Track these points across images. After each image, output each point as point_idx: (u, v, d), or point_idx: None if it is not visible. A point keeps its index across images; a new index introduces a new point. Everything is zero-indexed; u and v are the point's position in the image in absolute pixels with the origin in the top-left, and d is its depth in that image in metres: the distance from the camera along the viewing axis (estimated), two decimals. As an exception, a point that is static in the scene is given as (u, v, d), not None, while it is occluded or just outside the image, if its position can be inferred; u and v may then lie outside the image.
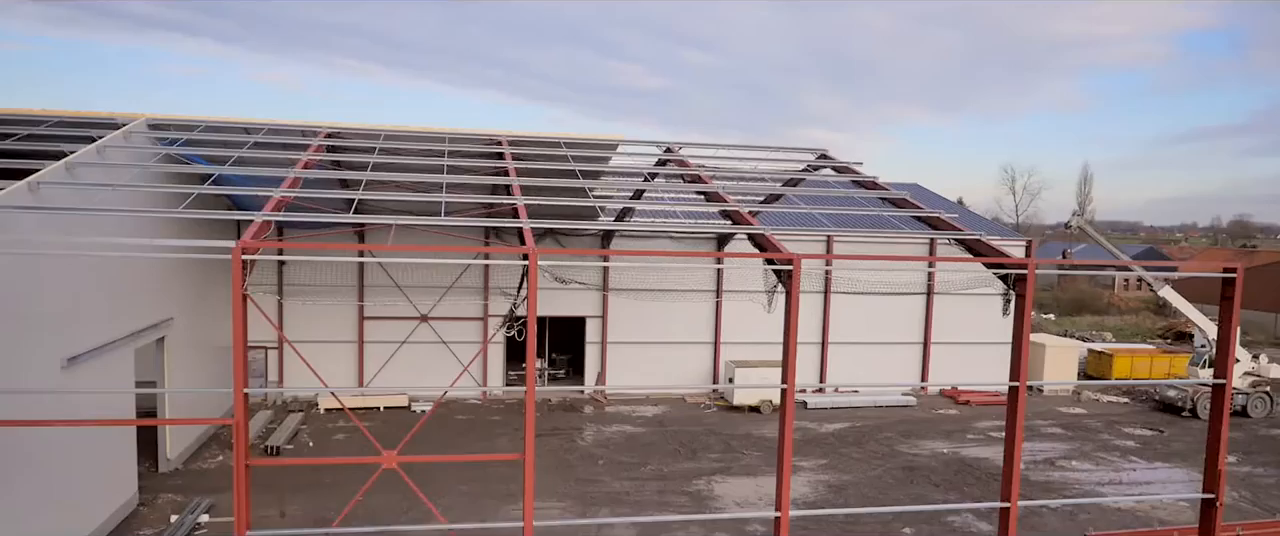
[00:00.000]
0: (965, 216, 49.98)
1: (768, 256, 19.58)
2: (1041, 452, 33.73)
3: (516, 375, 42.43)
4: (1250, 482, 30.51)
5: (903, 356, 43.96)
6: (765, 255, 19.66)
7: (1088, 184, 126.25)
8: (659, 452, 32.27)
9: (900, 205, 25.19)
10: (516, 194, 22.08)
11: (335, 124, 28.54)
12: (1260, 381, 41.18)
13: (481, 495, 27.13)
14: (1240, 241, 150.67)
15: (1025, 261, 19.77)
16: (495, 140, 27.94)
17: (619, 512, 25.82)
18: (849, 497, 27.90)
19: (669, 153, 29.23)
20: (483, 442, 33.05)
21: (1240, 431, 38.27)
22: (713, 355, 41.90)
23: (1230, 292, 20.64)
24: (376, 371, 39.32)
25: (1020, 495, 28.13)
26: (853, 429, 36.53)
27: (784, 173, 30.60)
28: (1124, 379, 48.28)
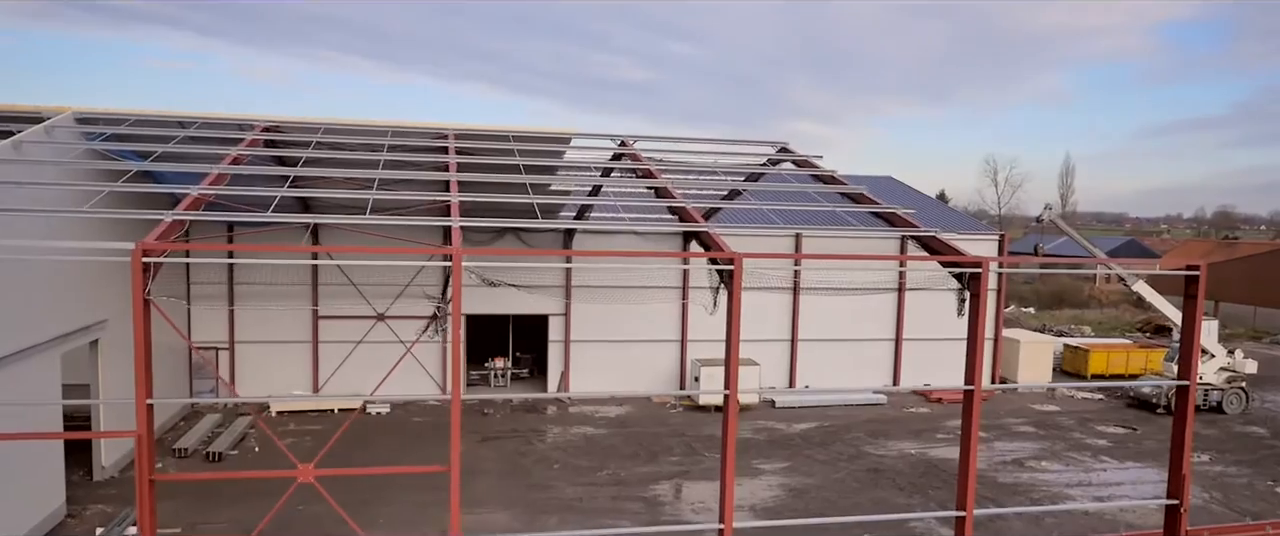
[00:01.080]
0: (941, 211, 49.21)
1: (711, 256, 18.64)
2: (1011, 453, 32.95)
3: (479, 375, 41.42)
4: (1222, 483, 29.78)
5: (875, 353, 43.11)
6: (708, 254, 18.72)
7: (1069, 175, 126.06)
8: (618, 455, 31.33)
9: (858, 200, 24.30)
10: (453, 190, 21.05)
11: (278, 117, 27.42)
12: (1235, 377, 40.54)
13: (431, 504, 26.06)
14: (1223, 232, 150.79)
15: (979, 259, 18.88)
16: (441, 134, 26.88)
17: (568, 521, 24.87)
18: (810, 501, 27.02)
19: (623, 146, 28.25)
20: (436, 447, 31.89)
21: (1215, 428, 37.62)
22: (680, 354, 40.95)
23: (1194, 290, 19.80)
24: (332, 372, 38.22)
25: (983, 499, 27.43)
26: (820, 429, 35.68)
27: (745, 166, 29.68)
28: (1099, 374, 47.63)
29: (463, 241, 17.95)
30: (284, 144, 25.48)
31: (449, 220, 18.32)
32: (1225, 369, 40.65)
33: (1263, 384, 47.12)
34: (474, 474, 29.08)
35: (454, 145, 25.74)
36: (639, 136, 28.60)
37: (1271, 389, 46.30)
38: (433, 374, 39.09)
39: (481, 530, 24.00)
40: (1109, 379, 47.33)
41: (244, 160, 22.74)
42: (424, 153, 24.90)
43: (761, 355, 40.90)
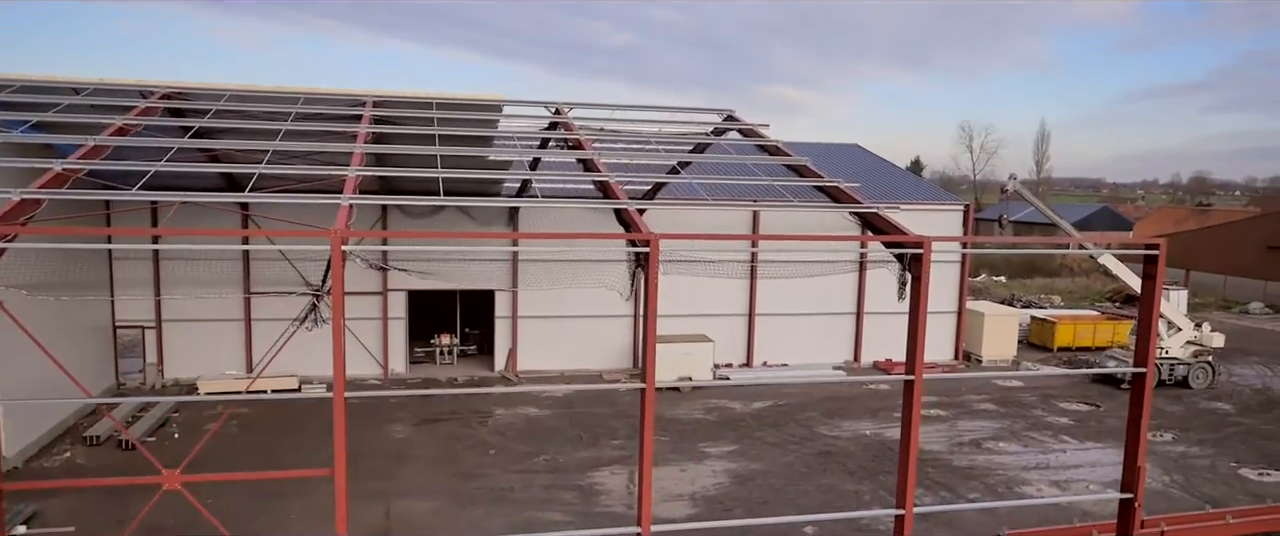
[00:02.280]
0: (906, 181, 47.75)
1: (627, 237, 17.06)
2: (969, 432, 31.78)
3: (424, 352, 39.81)
4: (1184, 464, 28.72)
5: (836, 328, 41.80)
6: (624, 236, 17.13)
7: (1045, 142, 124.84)
8: (559, 439, 29.90)
9: (803, 173, 22.72)
10: (355, 163, 19.29)
11: (185, 83, 25.41)
12: (1202, 351, 39.54)
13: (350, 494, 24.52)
14: (1198, 199, 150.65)
15: (920, 238, 17.38)
16: (359, 101, 25.00)
17: (494, 513, 23.45)
18: (754, 489, 25.73)
19: (558, 114, 26.47)
20: (370, 431, 30.47)
21: (1180, 404, 36.64)
22: (632, 330, 39.46)
23: (1153, 270, 18.41)
24: (267, 351, 36.43)
25: (936, 484, 26.20)
26: (774, 408, 34.37)
27: (690, 136, 28.00)
28: (1066, 346, 46.62)
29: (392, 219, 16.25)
30: (183, 113, 23.56)
31: (337, 197, 16.58)
32: (1192, 343, 39.62)
33: (1231, 356, 46.29)
34: (403, 461, 27.65)
35: (371, 113, 23.91)
36: (576, 104, 26.82)
37: (1239, 361, 45.47)
38: (374, 352, 37.43)
39: (397, 526, 22.55)
40: (1076, 351, 46.35)
41: (134, 130, 20.86)
42: (335, 121, 23.04)
43: (717, 330, 39.54)
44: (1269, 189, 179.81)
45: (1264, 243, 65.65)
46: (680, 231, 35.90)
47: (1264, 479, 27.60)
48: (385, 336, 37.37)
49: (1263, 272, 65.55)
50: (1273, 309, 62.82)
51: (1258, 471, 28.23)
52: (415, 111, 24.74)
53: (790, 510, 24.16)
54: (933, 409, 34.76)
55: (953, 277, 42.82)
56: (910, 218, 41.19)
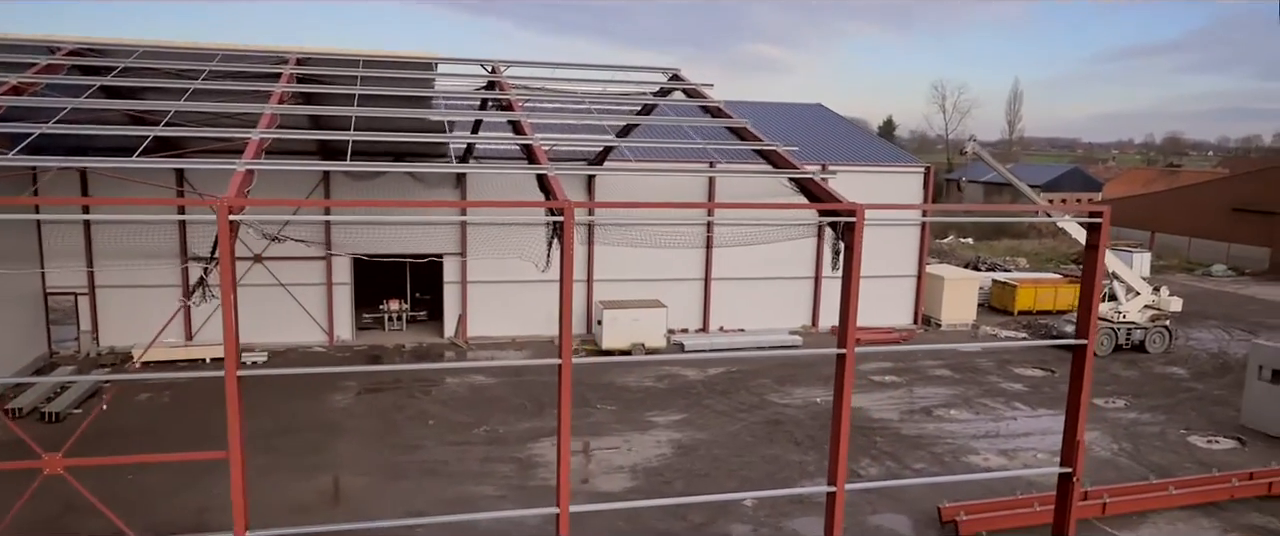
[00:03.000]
0: (868, 142, 46.90)
1: (546, 205, 16.17)
2: (921, 400, 31.36)
3: (373, 318, 38.84)
4: (1134, 432, 28.45)
5: (794, 292, 41.20)
6: (542, 204, 16.24)
7: (1017, 101, 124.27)
8: (502, 409, 29.18)
9: (743, 136, 21.82)
10: (264, 124, 18.18)
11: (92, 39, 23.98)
12: (1160, 315, 39.29)
13: (276, 468, 23.78)
14: (1170, 159, 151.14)
15: (853, 206, 16.59)
16: (282, 58, 23.74)
17: (423, 487, 22.75)
18: (697, 460, 25.17)
19: (494, 73, 25.35)
20: (312, 400, 29.61)
21: (1135, 369, 36.42)
22: (586, 294, 38.64)
23: (1095, 240, 17.75)
24: (206, 318, 35.36)
25: (882, 454, 25.63)
26: (726, 375, 33.79)
27: (634, 96, 26.93)
28: (1027, 310, 46.34)
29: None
30: (91, 70, 22.26)
31: (232, 163, 15.54)
32: (1150, 307, 39.35)
33: (1189, 320, 46.21)
34: (339, 433, 26.85)
35: (293, 72, 22.70)
36: (515, 62, 25.69)
37: (1198, 325, 45.38)
38: (318, 319, 36.44)
39: (321, 503, 21.80)
40: (1037, 314, 46.08)
41: (34, 89, 19.61)
42: (253, 80, 21.80)
43: (673, 296, 38.85)
44: (1241, 149, 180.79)
45: (1228, 204, 65.58)
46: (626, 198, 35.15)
47: (1212, 446, 27.37)
48: (330, 302, 36.38)
49: (1227, 235, 65.57)
50: (1235, 271, 62.92)
51: (1207, 438, 28.00)
52: (341, 70, 23.53)
53: (732, 482, 23.66)
54: (887, 375, 34.33)
55: (912, 242, 42.24)
56: (869, 180, 40.78)
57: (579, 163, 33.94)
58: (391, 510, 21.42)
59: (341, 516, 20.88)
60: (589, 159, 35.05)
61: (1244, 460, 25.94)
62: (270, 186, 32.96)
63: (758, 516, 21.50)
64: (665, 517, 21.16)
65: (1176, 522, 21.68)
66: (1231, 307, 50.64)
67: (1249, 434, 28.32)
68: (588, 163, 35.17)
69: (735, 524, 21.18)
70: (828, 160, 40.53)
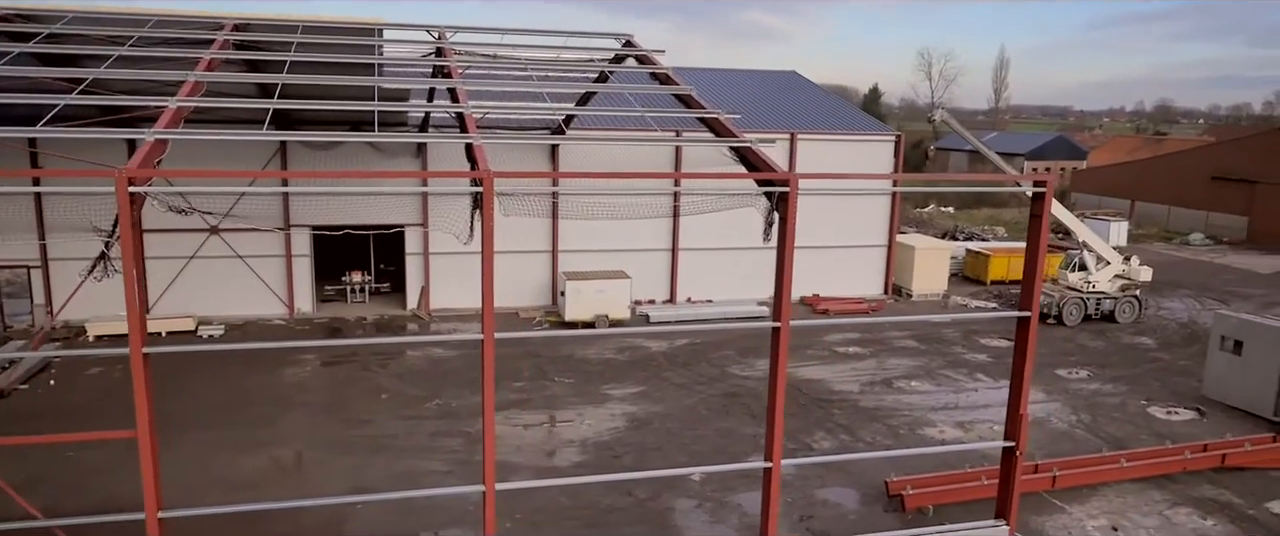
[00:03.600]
0: (838, 110, 46.28)
1: (468, 174, 15.67)
2: (883, 372, 31.10)
3: (335, 290, 38.34)
4: (1094, 403, 28.24)
5: (762, 262, 40.51)
6: (461, 174, 15.74)
7: (1004, 69, 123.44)
8: (458, 382, 28.82)
9: (688, 104, 21.25)
10: (187, 92, 17.57)
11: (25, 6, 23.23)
12: (1130, 285, 39.03)
13: (225, 443, 23.44)
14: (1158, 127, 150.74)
15: (786, 176, 16.11)
16: (217, 23, 23.02)
17: (368, 463, 22.43)
18: (649, 434, 24.89)
19: (441, 39, 24.68)
20: (267, 373, 29.22)
21: (1102, 339, 36.21)
22: (551, 265, 38.20)
23: (1039, 209, 17.32)
24: (162, 291, 34.89)
25: (836, 426, 25.30)
26: (689, 347, 33.46)
27: (584, 63, 26.30)
28: (1000, 280, 46.05)
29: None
30: (14, 37, 21.55)
31: (140, 132, 14.97)
32: (1120, 276, 39.07)
33: (1162, 289, 46.05)
34: (290, 407, 26.48)
35: (228, 38, 22.00)
36: (462, 28, 25.01)
37: (1170, 295, 45.20)
38: (277, 291, 35.94)
39: (263, 479, 21.42)
40: (1009, 284, 45.80)
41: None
42: (184, 46, 21.11)
43: (640, 266, 38.44)
44: (1232, 117, 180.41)
45: (1208, 173, 65.23)
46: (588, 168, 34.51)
47: (1171, 417, 27.19)
48: (289, 274, 35.84)
49: (1206, 204, 65.30)
50: (1213, 240, 62.72)
51: (1166, 409, 27.82)
52: (280, 35, 22.86)
53: (682, 456, 23.39)
54: (852, 346, 34.05)
55: (883, 211, 41.83)
56: (837, 148, 40.31)
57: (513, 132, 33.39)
58: (334, 485, 21.11)
59: (283, 492, 20.53)
60: (552, 128, 34.50)
61: (1202, 431, 25.76)
62: (227, 158, 32.47)
63: (704, 491, 21.25)
64: (609, 493, 20.88)
65: (1126, 495, 21.49)
66: (1206, 277, 50.46)
67: (1210, 405, 28.14)
68: (551, 132, 34.61)
69: (681, 498, 20.93)
70: (796, 129, 39.99)
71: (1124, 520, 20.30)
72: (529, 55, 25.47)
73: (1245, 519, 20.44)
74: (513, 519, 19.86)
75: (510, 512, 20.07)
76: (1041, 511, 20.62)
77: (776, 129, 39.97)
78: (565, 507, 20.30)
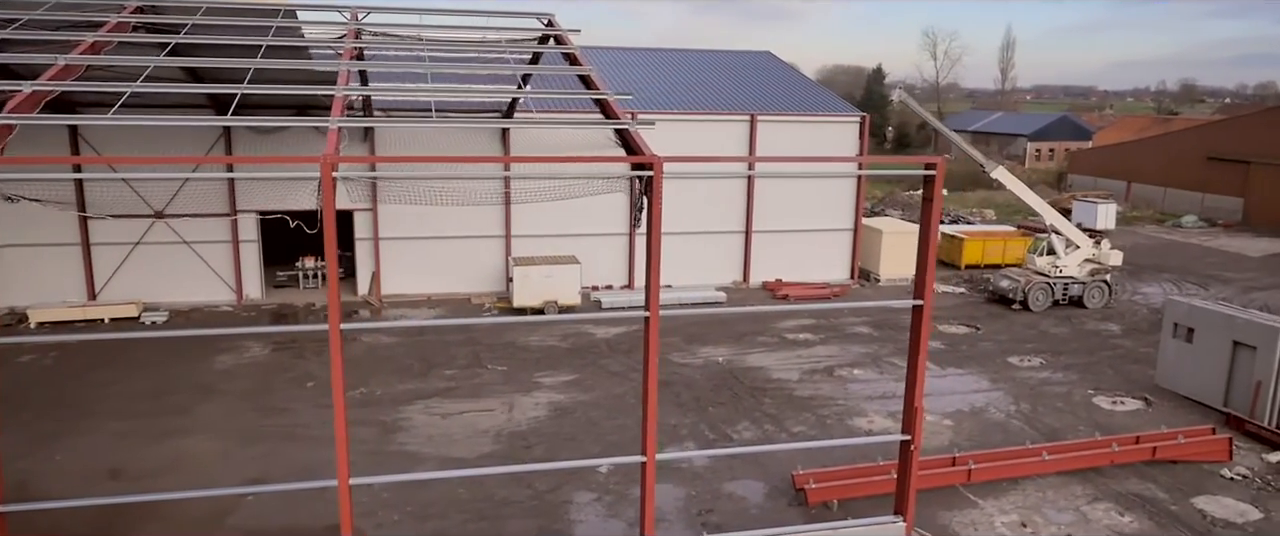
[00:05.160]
0: (807, 92, 45.27)
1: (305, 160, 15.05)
2: (828, 358, 30.35)
3: (288, 275, 37.97)
4: (1039, 392, 27.38)
5: (723, 246, 40.01)
6: (303, 159, 15.14)
7: (1009, 50, 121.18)
8: (391, 370, 28.38)
9: (588, 84, 20.54)
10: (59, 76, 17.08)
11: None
12: (1100, 269, 37.94)
13: (135, 433, 23.15)
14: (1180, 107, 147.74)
15: (650, 159, 15.39)
16: (119, 5, 22.50)
17: (274, 452, 22.07)
18: (567, 423, 24.37)
19: (356, 20, 24.06)
20: (199, 361, 28.91)
21: (1066, 325, 35.24)
22: (504, 251, 37.63)
23: (931, 192, 16.49)
24: (108, 278, 34.66)
25: (763, 416, 24.52)
26: (634, 333, 32.78)
27: (510, 44, 25.62)
28: (974, 265, 45.04)
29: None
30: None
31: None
32: (1090, 260, 37.98)
33: (1143, 273, 44.97)
34: (211, 395, 26.14)
35: (130, 20, 21.49)
36: (374, 7, 24.39)
37: (1151, 279, 44.06)
38: (225, 277, 35.62)
39: (164, 469, 21.04)
40: (984, 268, 44.76)
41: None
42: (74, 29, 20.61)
43: (596, 251, 37.83)
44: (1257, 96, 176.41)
45: (1203, 153, 63.54)
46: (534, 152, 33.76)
47: (1116, 407, 26.32)
48: (236, 260, 35.50)
49: (1202, 185, 63.66)
50: (1207, 222, 61.15)
51: (1113, 399, 26.93)
52: (189, 17, 22.34)
53: (596, 447, 22.84)
54: (803, 333, 33.30)
55: (849, 193, 40.91)
56: (798, 130, 39.38)
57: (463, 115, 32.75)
58: (232, 477, 20.71)
59: (173, 483, 20.20)
60: (501, 111, 33.88)
61: (1145, 422, 24.90)
62: (173, 143, 32.05)
63: (607, 483, 20.70)
64: (508, 484, 20.38)
65: (1047, 489, 20.73)
66: (1191, 260, 49.15)
67: (1160, 394, 27.21)
68: (501, 114, 33.98)
69: (581, 491, 20.39)
70: (756, 111, 39.09)
71: (1037, 515, 19.57)
72: (455, 36, 24.89)
73: (1166, 515, 19.64)
74: (403, 511, 19.44)
75: (401, 504, 19.65)
76: (952, 506, 19.90)
77: (736, 111, 39.11)
78: (460, 500, 19.82)
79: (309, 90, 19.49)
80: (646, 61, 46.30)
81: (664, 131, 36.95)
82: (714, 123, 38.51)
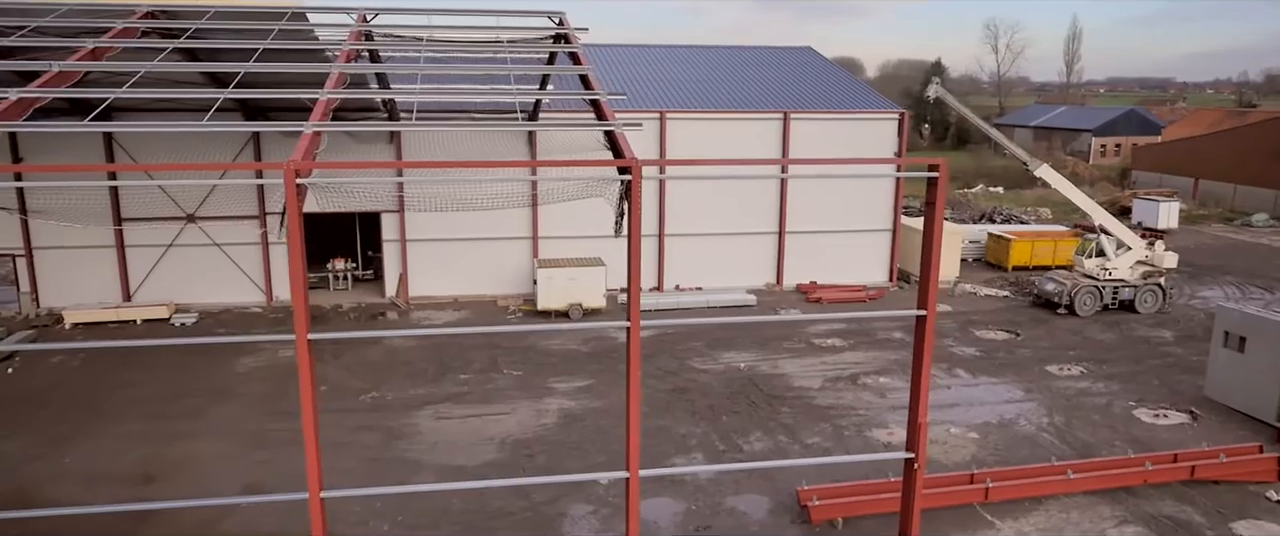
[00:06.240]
0: (849, 89, 43.96)
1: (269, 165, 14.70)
2: (855, 365, 29.25)
3: (318, 277, 38.16)
4: (1077, 404, 25.93)
5: (756, 248, 39.02)
6: (260, 165, 14.81)
7: (1076, 41, 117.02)
8: (406, 373, 28.19)
9: (587, 84, 19.96)
10: (50, 84, 17.13)
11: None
12: (1153, 272, 35.97)
13: (146, 436, 23.30)
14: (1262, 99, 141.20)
15: (628, 162, 14.72)
16: (128, 9, 22.66)
17: (277, 457, 21.96)
18: (577, 431, 23.82)
19: (365, 22, 23.87)
20: (221, 363, 29.11)
21: (1114, 332, 33.48)
22: (531, 252, 37.26)
23: (933, 196, 15.50)
24: (142, 279, 35.23)
25: (781, 426, 23.38)
26: (658, 337, 32.13)
27: (523, 44, 25.17)
28: (1022, 266, 43.28)
29: None
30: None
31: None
32: (1142, 262, 36.05)
33: (1204, 275, 42.71)
34: (226, 398, 26.25)
35: (137, 25, 21.61)
36: (382, 10, 24.15)
37: (1211, 282, 41.76)
38: (255, 279, 35.94)
39: (165, 472, 21.08)
40: (1032, 270, 42.98)
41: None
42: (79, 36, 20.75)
43: (621, 252, 37.08)
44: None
45: (1275, 148, 60.19)
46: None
47: (1157, 422, 24.75)
48: (266, 262, 35.80)
49: (1275, 181, 60.30)
50: (1278, 221, 57.91)
51: (1155, 412, 25.36)
52: (201, 21, 22.39)
53: (601, 457, 22.23)
54: (832, 338, 32.20)
55: (887, 193, 39.56)
56: (833, 127, 38.19)
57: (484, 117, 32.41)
58: (233, 482, 20.69)
59: (176, 488, 20.24)
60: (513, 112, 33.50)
61: (1186, 438, 23.38)
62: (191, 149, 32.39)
63: (605, 496, 20.08)
64: (505, 495, 19.91)
65: (1071, 510, 19.48)
66: (1258, 262, 46.51)
67: (1209, 407, 25.55)
68: (527, 116, 33.57)
69: (578, 503, 19.81)
70: (790, 108, 38.04)
71: (1058, 539, 18.37)
72: (464, 37, 24.55)
73: (1200, 541, 18.27)
74: (394, 520, 19.11)
75: (392, 514, 19.32)
76: (967, 526, 18.82)
77: (768, 109, 38.10)
78: (453, 511, 19.41)
79: (330, 93, 19.29)
80: (682, 59, 45.54)
81: (693, 130, 36.69)
82: (745, 121, 37.57)
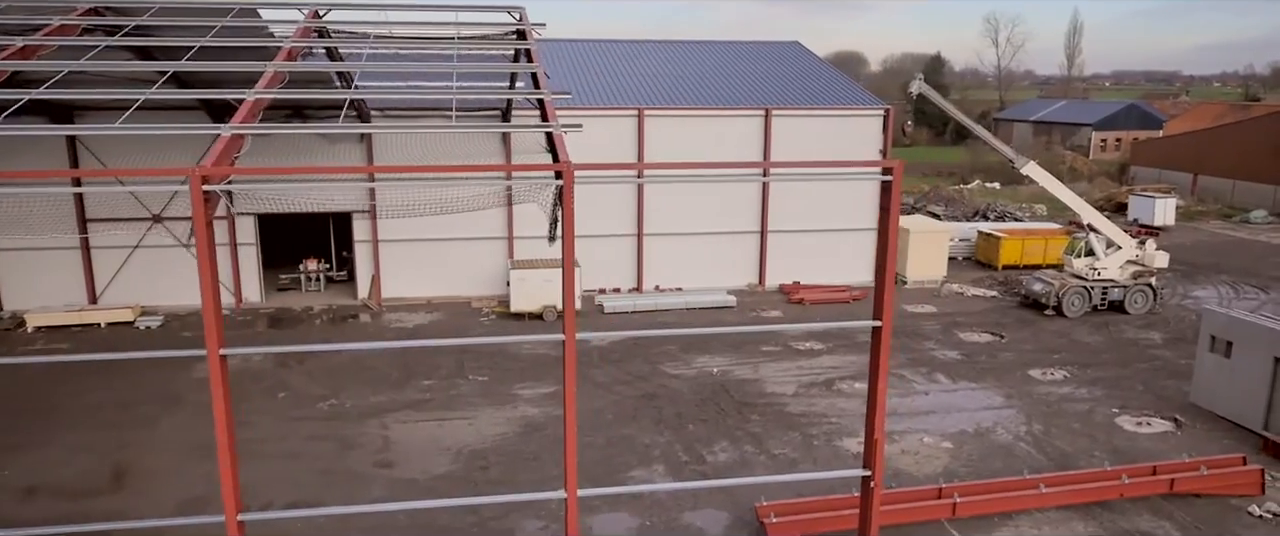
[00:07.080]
0: (833, 85, 43.03)
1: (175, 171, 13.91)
2: (831, 370, 28.43)
3: (291, 278, 37.43)
4: (1056, 411, 25.07)
5: (737, 248, 38.20)
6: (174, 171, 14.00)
7: (1076, 35, 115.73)
8: (365, 380, 27.39)
9: (537, 83, 19.12)
10: None
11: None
12: (1143, 272, 35.04)
13: (89, 446, 22.59)
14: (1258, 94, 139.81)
15: (558, 166, 13.89)
16: (71, 7, 21.87)
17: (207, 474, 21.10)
18: (537, 441, 23.09)
19: (316, 18, 23.06)
20: (180, 368, 28.35)
21: (1103, 334, 32.59)
22: (506, 253, 36.47)
23: (887, 201, 14.65)
24: (108, 281, 34.54)
25: (748, 435, 22.54)
26: (631, 340, 31.30)
27: (481, 39, 24.36)
28: (1012, 265, 42.34)
29: None
30: None
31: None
32: (1132, 262, 35.12)
33: (1198, 274, 41.77)
34: (179, 406, 25.52)
35: (76, 22, 20.84)
36: (335, 4, 23.34)
37: (1205, 281, 40.81)
38: (224, 281, 35.16)
39: (113, 484, 20.34)
40: (1022, 269, 42.04)
41: None
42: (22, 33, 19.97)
43: (604, 252, 36.42)
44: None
45: (1274, 144, 59.12)
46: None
47: (1140, 430, 23.88)
48: (234, 263, 35.05)
49: (1274, 177, 59.22)
50: (1278, 217, 56.85)
51: (1138, 420, 24.49)
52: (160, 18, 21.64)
53: (557, 469, 21.37)
54: (809, 340, 31.36)
55: (873, 191, 38.58)
56: (815, 124, 37.29)
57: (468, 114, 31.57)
58: (174, 496, 19.97)
59: (114, 503, 19.51)
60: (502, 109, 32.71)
61: (1169, 447, 22.53)
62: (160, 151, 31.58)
63: (559, 512, 19.25)
64: (454, 510, 19.12)
65: (1043, 526, 18.67)
66: (1254, 260, 45.52)
67: (1194, 414, 24.67)
68: (501, 114, 32.78)
69: (530, 519, 19.07)
70: (772, 104, 37.17)
71: (1026, 557, 17.55)
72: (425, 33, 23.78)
73: (1177, 559, 17.43)
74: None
75: (340, 530, 18.56)
76: (932, 544, 17.99)
77: (750, 106, 37.24)
78: (400, 525, 18.65)
79: (258, 94, 18.52)
80: (666, 55, 44.68)
81: (672, 128, 35.78)
82: (724, 118, 36.71)
